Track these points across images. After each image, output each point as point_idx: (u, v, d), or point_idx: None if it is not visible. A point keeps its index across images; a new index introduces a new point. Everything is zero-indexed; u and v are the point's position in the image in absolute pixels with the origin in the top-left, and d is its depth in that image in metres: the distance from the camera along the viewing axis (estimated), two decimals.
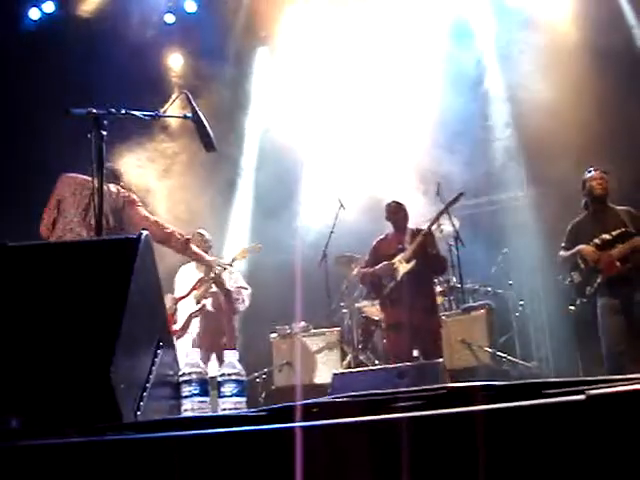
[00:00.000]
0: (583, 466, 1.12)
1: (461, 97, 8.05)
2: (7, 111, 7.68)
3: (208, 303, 6.42)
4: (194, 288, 6.40)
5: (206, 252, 6.55)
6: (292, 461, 1.23)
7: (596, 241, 5.50)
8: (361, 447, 1.21)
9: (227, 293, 6.40)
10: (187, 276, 6.55)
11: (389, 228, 6.54)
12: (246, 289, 6.62)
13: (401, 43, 8.78)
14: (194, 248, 5.14)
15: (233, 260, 6.41)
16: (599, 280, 5.40)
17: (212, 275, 6.26)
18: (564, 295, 5.91)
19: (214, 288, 6.37)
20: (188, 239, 4.93)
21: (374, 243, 6.56)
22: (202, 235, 6.52)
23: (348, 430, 1.25)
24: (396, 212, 6.43)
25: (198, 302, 6.35)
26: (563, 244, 5.76)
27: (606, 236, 5.47)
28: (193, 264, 6.56)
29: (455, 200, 6.53)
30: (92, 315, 1.92)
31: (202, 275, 6.43)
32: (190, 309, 6.37)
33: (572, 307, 5.58)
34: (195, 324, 6.38)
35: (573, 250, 5.60)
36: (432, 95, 8.32)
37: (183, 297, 6.39)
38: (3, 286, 2.04)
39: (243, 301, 6.54)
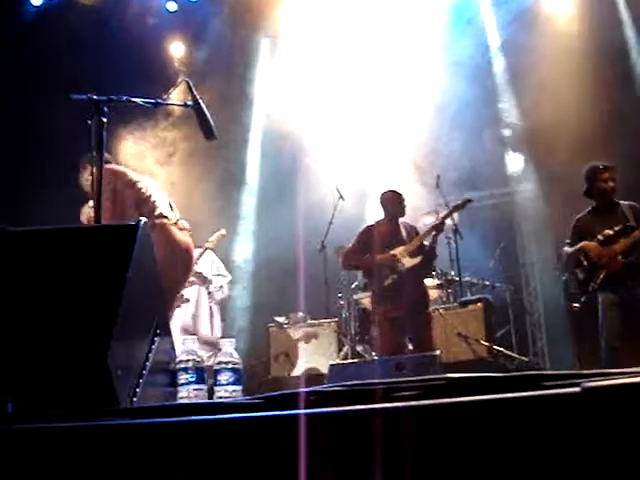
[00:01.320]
0: (578, 457, 1.12)
1: (462, 86, 8.01)
2: (7, 98, 7.65)
3: (187, 292, 6.38)
4: None
5: None
6: (289, 449, 1.23)
7: (599, 237, 5.47)
8: (360, 436, 1.21)
9: (205, 281, 6.37)
10: None
11: (382, 216, 6.43)
12: (225, 277, 6.58)
13: (400, 31, 8.74)
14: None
15: (204, 250, 6.38)
16: (601, 276, 5.38)
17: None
18: (561, 289, 5.90)
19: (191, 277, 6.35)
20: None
21: (365, 227, 6.43)
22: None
23: (347, 418, 1.25)
24: (392, 200, 6.32)
25: None
26: (568, 240, 5.73)
27: (609, 231, 5.44)
28: None
29: (461, 206, 6.48)
30: (90, 301, 1.92)
31: None
32: None
33: (576, 304, 5.52)
34: (177, 313, 6.35)
35: (577, 246, 5.57)
36: (433, 84, 8.29)
37: None
38: (1, 271, 2.03)
39: (221, 288, 6.50)
